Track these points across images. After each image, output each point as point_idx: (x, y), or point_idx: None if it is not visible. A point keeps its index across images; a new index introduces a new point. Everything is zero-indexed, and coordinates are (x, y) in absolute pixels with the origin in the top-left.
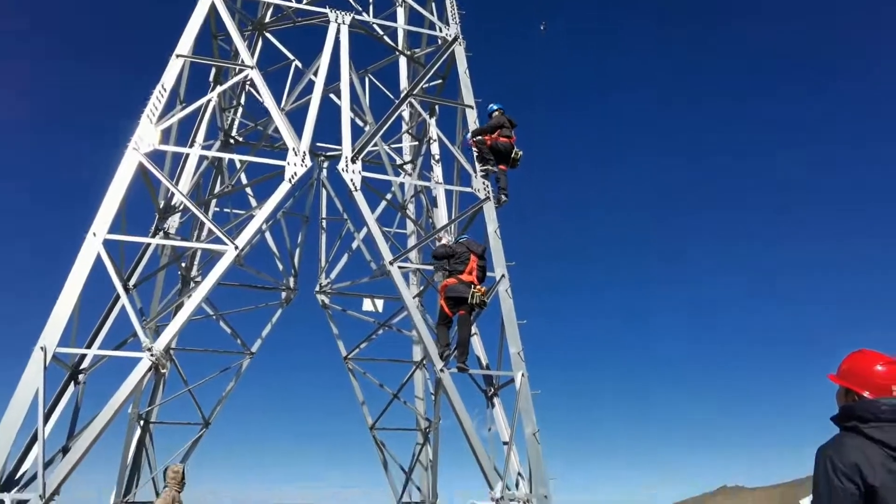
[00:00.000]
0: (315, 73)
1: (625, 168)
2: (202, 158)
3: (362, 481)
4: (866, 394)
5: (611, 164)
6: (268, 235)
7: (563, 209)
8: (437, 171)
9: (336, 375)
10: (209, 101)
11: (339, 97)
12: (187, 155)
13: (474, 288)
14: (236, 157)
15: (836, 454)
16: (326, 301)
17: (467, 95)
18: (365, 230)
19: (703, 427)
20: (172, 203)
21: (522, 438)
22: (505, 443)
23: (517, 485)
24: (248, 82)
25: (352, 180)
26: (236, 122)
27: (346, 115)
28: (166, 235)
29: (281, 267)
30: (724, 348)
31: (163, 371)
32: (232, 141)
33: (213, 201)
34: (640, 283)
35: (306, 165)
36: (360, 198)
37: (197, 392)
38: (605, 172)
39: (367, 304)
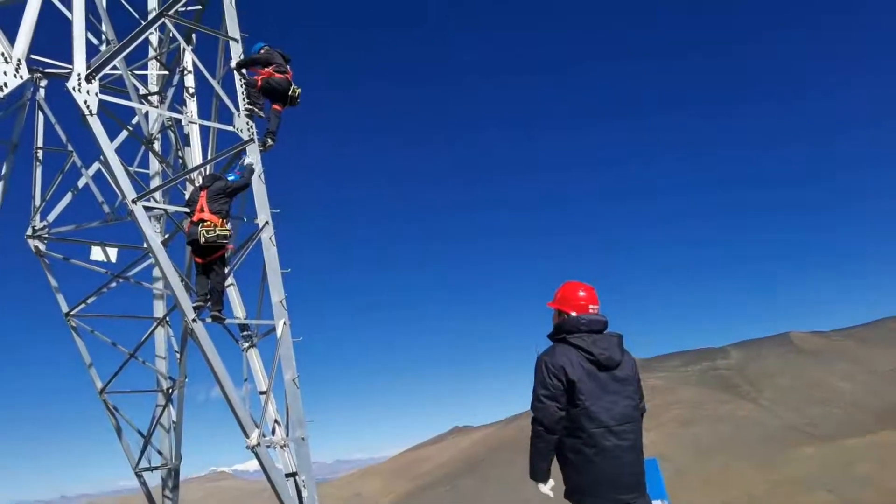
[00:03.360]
0: None
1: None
2: None
3: (94, 448)
4: (573, 313)
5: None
6: None
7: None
8: (192, 105)
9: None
10: None
11: (66, 4)
12: None
13: (202, 226)
14: None
15: (549, 359)
16: (42, 248)
17: (232, 26)
18: (96, 165)
19: (434, 375)
20: None
21: (281, 386)
22: (262, 392)
23: (273, 431)
24: None
25: (86, 102)
26: None
27: (80, 22)
28: None
29: None
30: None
31: None
32: None
33: None
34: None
35: (21, 77)
36: (95, 124)
37: None
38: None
39: (97, 253)
